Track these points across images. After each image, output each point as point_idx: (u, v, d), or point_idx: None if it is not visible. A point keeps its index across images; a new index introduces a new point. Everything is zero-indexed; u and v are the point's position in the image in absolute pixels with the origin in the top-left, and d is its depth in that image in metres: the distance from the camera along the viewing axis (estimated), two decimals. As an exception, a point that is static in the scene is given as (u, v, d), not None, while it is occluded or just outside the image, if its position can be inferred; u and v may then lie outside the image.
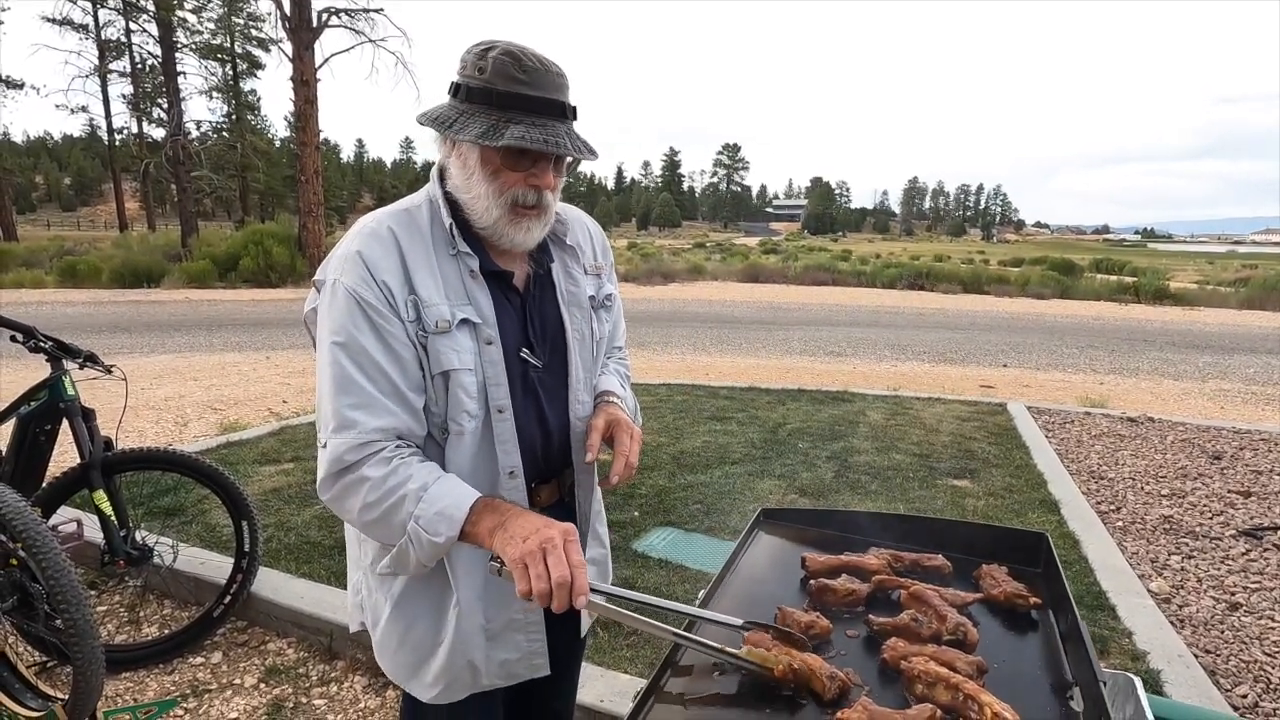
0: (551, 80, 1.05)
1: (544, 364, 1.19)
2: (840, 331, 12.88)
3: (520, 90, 1.03)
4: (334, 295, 1.06)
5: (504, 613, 1.17)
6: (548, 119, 1.05)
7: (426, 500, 1.01)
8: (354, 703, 2.39)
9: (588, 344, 1.25)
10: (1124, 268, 33.70)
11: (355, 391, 1.03)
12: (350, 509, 1.05)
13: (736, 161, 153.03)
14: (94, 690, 2.07)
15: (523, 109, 1.04)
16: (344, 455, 1.03)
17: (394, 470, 1.02)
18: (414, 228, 1.11)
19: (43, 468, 2.73)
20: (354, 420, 1.03)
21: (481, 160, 1.07)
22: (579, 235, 1.29)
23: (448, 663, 1.15)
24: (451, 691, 1.18)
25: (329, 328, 1.06)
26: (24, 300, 14.45)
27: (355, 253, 1.07)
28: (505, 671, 1.20)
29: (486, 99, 1.04)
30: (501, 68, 1.03)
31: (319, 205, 18.39)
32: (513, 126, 1.02)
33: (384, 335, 1.05)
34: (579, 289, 1.24)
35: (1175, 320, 16.37)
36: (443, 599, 1.15)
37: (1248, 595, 3.06)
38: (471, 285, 1.11)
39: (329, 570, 3.01)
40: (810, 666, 1.01)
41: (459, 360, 1.07)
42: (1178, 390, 8.20)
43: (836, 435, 5.23)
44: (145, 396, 6.49)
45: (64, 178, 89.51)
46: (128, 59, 31.56)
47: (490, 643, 1.17)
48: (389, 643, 1.18)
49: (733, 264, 28.39)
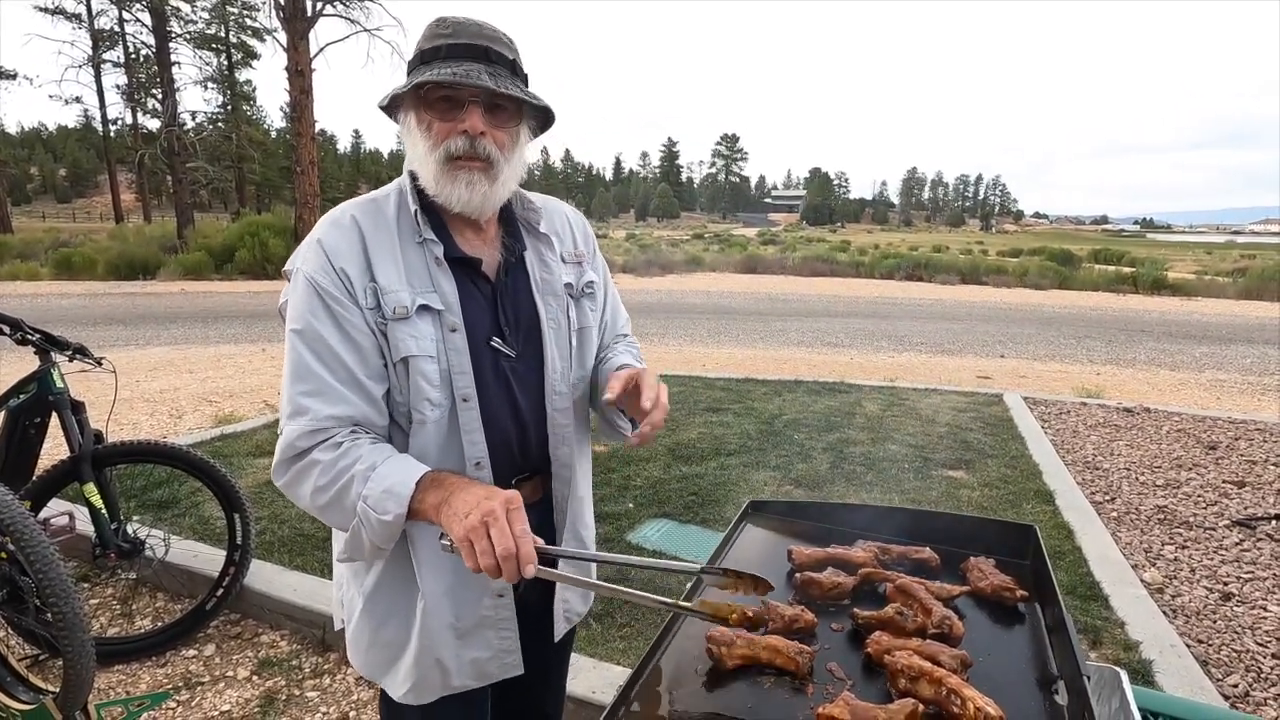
0: (474, 30, 1.08)
1: (517, 353, 1.16)
2: (838, 322, 12.87)
3: (440, 42, 1.07)
4: (295, 284, 1.07)
5: (473, 609, 1.14)
6: (466, 61, 1.06)
7: (374, 479, 0.99)
8: (346, 694, 2.39)
9: (564, 333, 1.21)
10: (1122, 258, 33.71)
11: (311, 379, 1.03)
12: (303, 494, 1.04)
13: (735, 152, 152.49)
14: (85, 683, 2.07)
15: (442, 57, 1.06)
16: (296, 441, 1.02)
17: (344, 453, 1.01)
18: (379, 216, 1.11)
19: (33, 461, 2.72)
20: (306, 407, 1.02)
21: (416, 120, 1.09)
22: (556, 223, 1.27)
23: (415, 661, 1.13)
24: (421, 691, 1.16)
25: (291, 316, 1.06)
26: (19, 293, 14.40)
27: (316, 241, 1.07)
28: (476, 671, 1.17)
29: (417, 60, 1.08)
30: (428, 31, 1.08)
31: (315, 197, 18.30)
32: (429, 71, 1.05)
33: (341, 323, 1.04)
34: (554, 277, 1.21)
35: (1173, 310, 16.37)
36: (413, 595, 1.13)
37: (1240, 585, 3.06)
38: (436, 272, 1.10)
39: (321, 563, 3.00)
40: (775, 646, 1.02)
41: (418, 347, 1.06)
42: (1174, 381, 8.20)
43: (832, 426, 5.23)
44: (140, 389, 6.47)
45: (59, 169, 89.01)
46: (121, 49, 31.33)
47: (459, 641, 1.14)
48: (361, 639, 1.17)
49: (731, 255, 28.34)
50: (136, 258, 17.74)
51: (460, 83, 1.03)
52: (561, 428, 1.20)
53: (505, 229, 1.21)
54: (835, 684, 1.01)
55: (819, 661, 1.05)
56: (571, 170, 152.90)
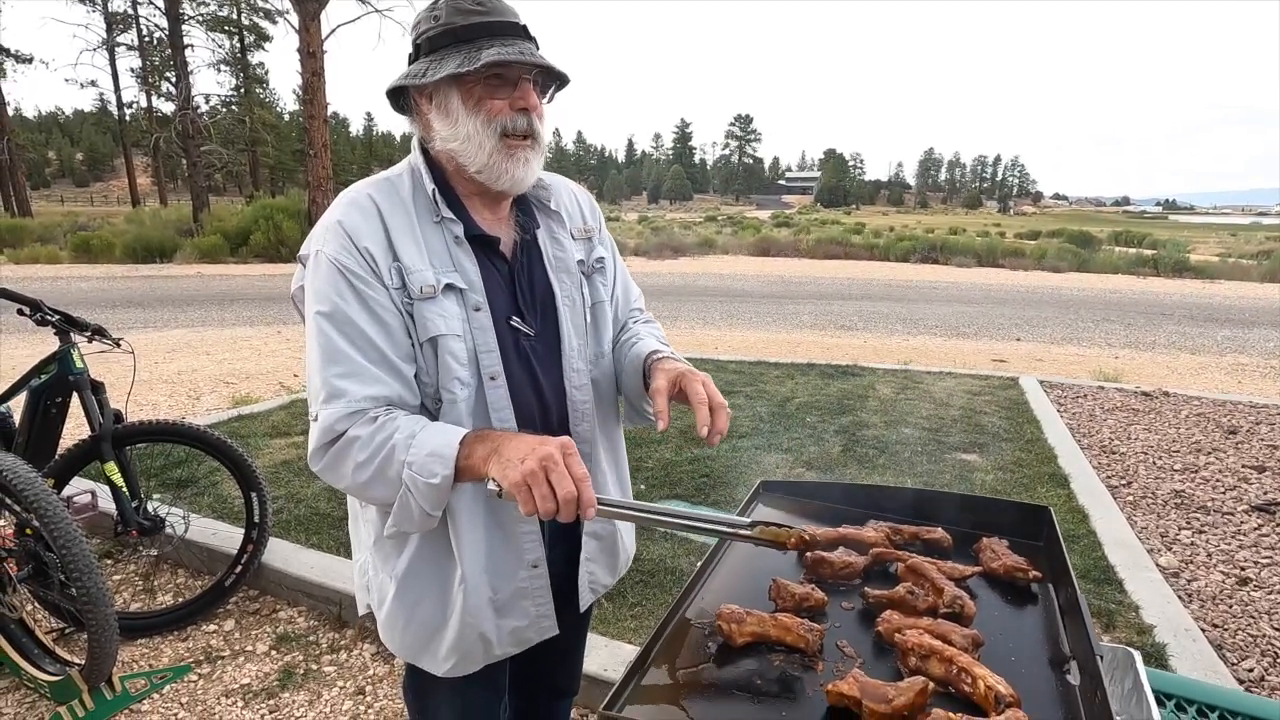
0: (505, 6, 1.07)
1: (535, 332, 1.16)
2: (851, 305, 12.77)
3: (481, 19, 1.05)
4: (317, 266, 1.05)
5: (510, 582, 1.15)
6: (515, 39, 1.05)
7: (416, 445, 0.99)
8: (363, 669, 2.43)
9: (579, 311, 1.22)
10: (1143, 240, 33.09)
11: (343, 361, 1.02)
12: (344, 473, 1.03)
13: (749, 133, 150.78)
14: (109, 655, 2.12)
15: (489, 34, 1.04)
16: (335, 425, 1.01)
17: (381, 426, 1.01)
18: (395, 196, 1.10)
19: (55, 440, 2.77)
20: (344, 389, 1.01)
21: (463, 98, 1.06)
22: (564, 200, 1.26)
23: (459, 637, 1.14)
24: (466, 664, 1.18)
25: (314, 299, 1.05)
26: (40, 275, 14.60)
27: (335, 222, 1.06)
28: (516, 639, 1.19)
29: (450, 38, 1.05)
30: (455, 5, 1.05)
31: (328, 179, 18.33)
32: (486, 49, 1.02)
33: (369, 303, 1.03)
34: (566, 254, 1.22)
35: (1194, 293, 16.08)
36: (447, 574, 1.14)
37: (1258, 570, 3.03)
38: (457, 252, 1.10)
39: (338, 541, 3.05)
40: (785, 624, 1.02)
41: (445, 325, 1.06)
42: (1194, 364, 8.08)
43: (845, 409, 5.21)
44: (159, 370, 6.56)
45: (76, 153, 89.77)
46: (135, 32, 31.41)
47: (499, 613, 1.16)
48: (396, 621, 1.17)
49: (744, 238, 28.14)
50: (153, 241, 17.90)
51: (526, 61, 1.03)
52: (580, 404, 1.20)
53: (518, 207, 1.21)
54: (845, 662, 1.01)
55: (829, 640, 1.05)
56: (584, 152, 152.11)
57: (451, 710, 1.26)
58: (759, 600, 1.14)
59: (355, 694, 2.32)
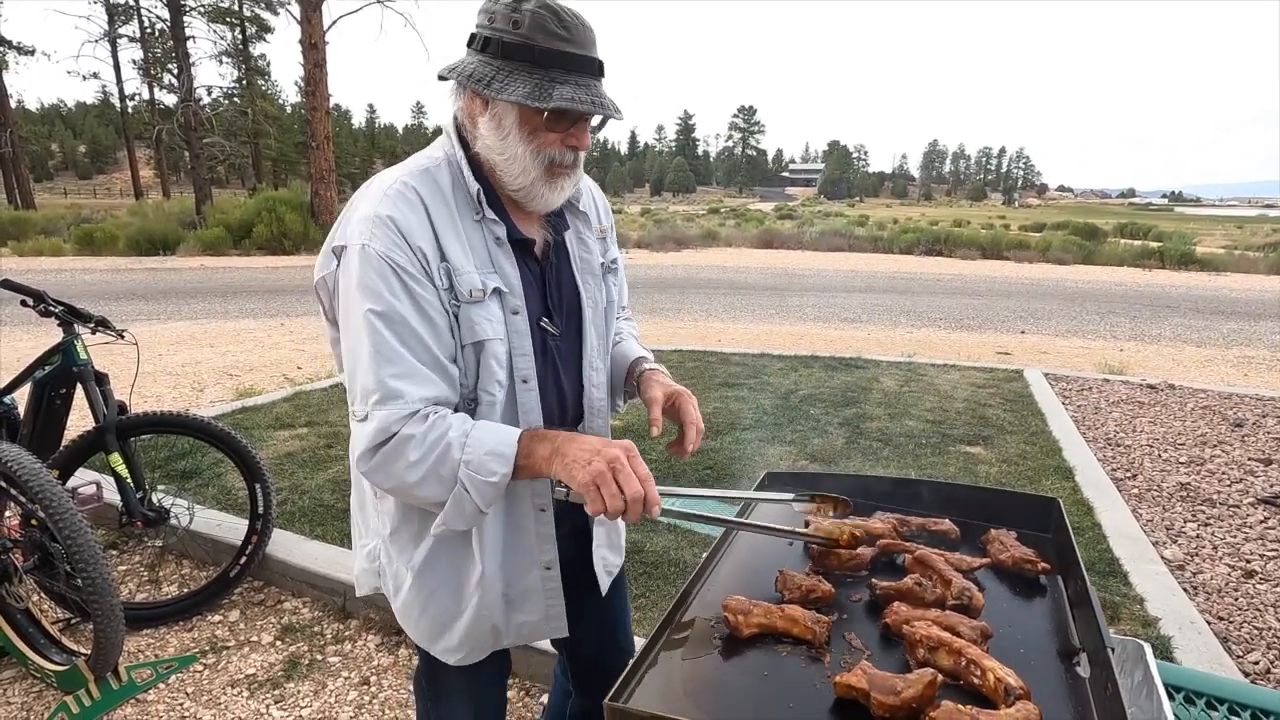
0: (590, 36, 1.04)
1: (560, 332, 1.18)
2: (855, 298, 12.73)
3: (561, 47, 1.01)
4: (364, 260, 1.01)
5: (523, 581, 1.18)
6: (589, 78, 1.03)
7: (472, 444, 0.99)
8: (367, 660, 2.44)
9: (600, 311, 1.25)
10: (1149, 232, 32.91)
11: (399, 361, 1.00)
12: (394, 473, 1.02)
13: (752, 125, 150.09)
14: (115, 645, 2.13)
15: (565, 67, 1.01)
16: (391, 426, 1.00)
17: (433, 425, 1.01)
18: (435, 188, 1.07)
19: (60, 431, 2.77)
20: (401, 390, 1.00)
21: (520, 120, 1.04)
22: (587, 199, 1.27)
23: (471, 629, 1.17)
24: (475, 654, 1.21)
25: (362, 295, 1.01)
26: (45, 268, 14.62)
27: (386, 216, 1.02)
28: (521, 633, 1.21)
29: (527, 56, 1.01)
30: (540, 22, 1.00)
31: (331, 172, 18.31)
32: (559, 87, 1.00)
33: (421, 303, 1.02)
34: (592, 256, 1.24)
35: (1200, 286, 16.00)
36: (463, 569, 1.16)
37: (1264, 563, 3.02)
38: (497, 253, 1.09)
39: (341, 532, 3.05)
40: (792, 615, 1.02)
41: (492, 330, 1.06)
42: (1200, 357, 8.04)
43: (849, 402, 5.19)
44: (163, 363, 6.57)
45: (79, 145, 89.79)
46: (136, 23, 31.32)
47: (509, 607, 1.18)
48: (411, 611, 1.20)
49: (747, 230, 28.05)
50: (156, 234, 17.89)
51: (594, 112, 1.03)
52: (597, 401, 1.24)
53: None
54: (852, 654, 1.00)
55: (836, 631, 1.05)
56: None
57: (462, 688, 1.30)
58: (765, 592, 1.13)
59: (360, 684, 2.32)
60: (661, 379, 1.26)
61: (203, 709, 2.22)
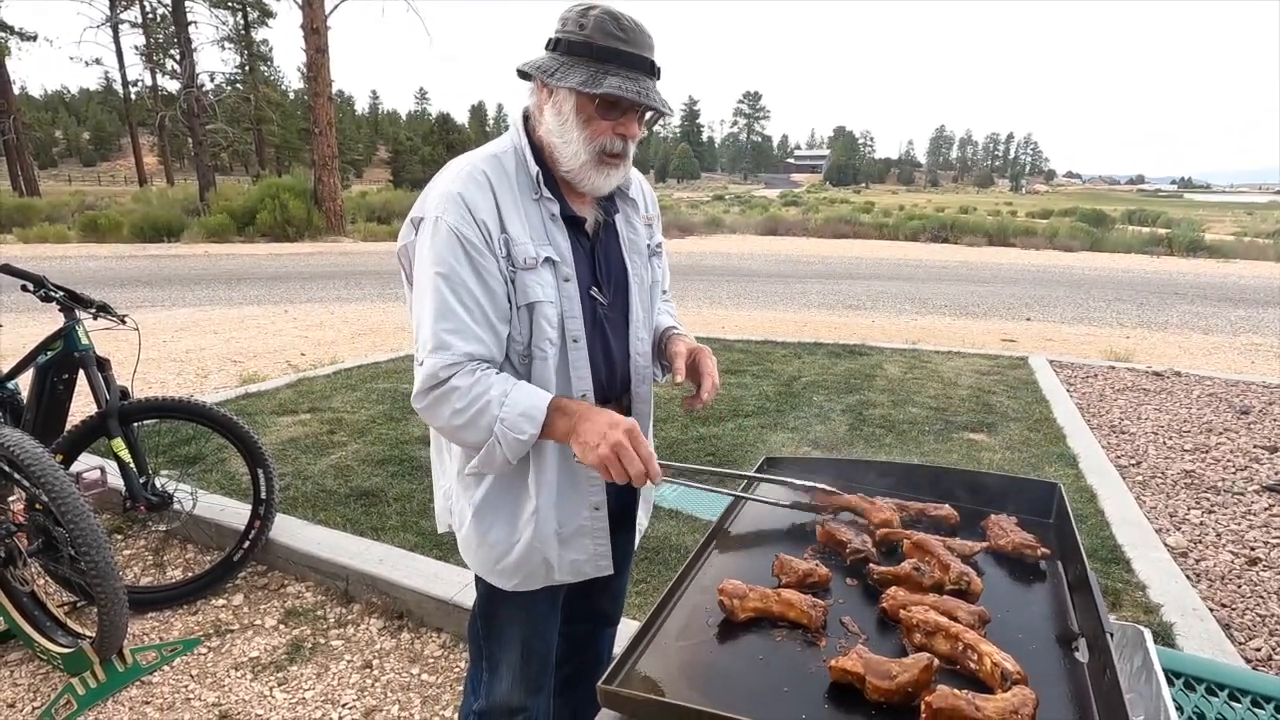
0: (645, 40, 1.19)
1: (609, 302, 1.33)
2: (860, 285, 12.67)
3: (617, 45, 1.16)
4: (436, 231, 1.18)
5: (574, 520, 1.32)
6: (640, 74, 1.18)
7: (509, 404, 1.15)
8: (369, 644, 2.45)
9: (645, 287, 1.40)
10: (1157, 219, 32.63)
11: (452, 318, 1.17)
12: (441, 415, 1.18)
13: (757, 111, 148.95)
14: (119, 628, 2.15)
15: (619, 63, 1.17)
16: (438, 371, 1.16)
17: (478, 380, 1.17)
18: (502, 172, 1.24)
19: (63, 416, 2.78)
20: (449, 343, 1.17)
21: (577, 108, 1.19)
22: (636, 189, 1.41)
23: (523, 559, 1.31)
24: (528, 583, 1.35)
25: (432, 259, 1.18)
26: (49, 254, 14.66)
27: (457, 194, 1.19)
28: (574, 569, 1.35)
29: (586, 51, 1.17)
30: (601, 24, 1.16)
31: (333, 158, 18.24)
32: (610, 78, 1.15)
33: (480, 270, 1.18)
34: (639, 237, 1.39)
35: (1208, 273, 15.88)
36: (518, 505, 1.31)
37: (1268, 550, 3.01)
38: (551, 228, 1.25)
39: (344, 517, 3.06)
40: (788, 599, 1.01)
41: (542, 293, 1.22)
42: (1207, 344, 7.99)
43: (852, 388, 5.18)
44: (167, 349, 6.59)
45: (83, 132, 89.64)
46: (138, 8, 31.15)
47: (562, 544, 1.32)
48: (471, 542, 1.34)
49: (752, 217, 27.92)
50: (160, 220, 17.90)
51: (639, 102, 1.16)
52: (642, 368, 1.40)
53: None
54: (849, 638, 1.00)
55: (832, 616, 1.04)
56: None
57: (516, 619, 1.42)
58: (762, 576, 1.13)
59: (362, 667, 2.34)
60: (685, 337, 1.45)
61: (207, 691, 2.24)
